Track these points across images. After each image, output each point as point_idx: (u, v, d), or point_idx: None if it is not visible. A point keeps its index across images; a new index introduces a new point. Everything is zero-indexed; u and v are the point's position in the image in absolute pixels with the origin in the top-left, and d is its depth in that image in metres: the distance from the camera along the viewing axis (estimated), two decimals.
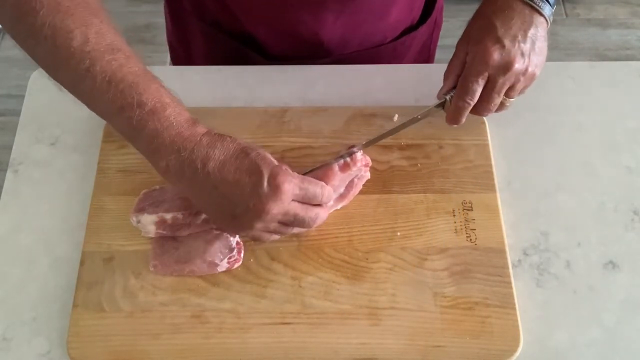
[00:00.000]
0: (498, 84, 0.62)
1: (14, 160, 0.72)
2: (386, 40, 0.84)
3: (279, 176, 0.54)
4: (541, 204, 0.69)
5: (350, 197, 0.66)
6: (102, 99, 0.53)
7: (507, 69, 0.61)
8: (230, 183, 0.54)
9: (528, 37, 0.62)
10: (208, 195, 0.55)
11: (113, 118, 0.55)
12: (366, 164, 0.65)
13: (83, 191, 0.69)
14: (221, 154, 0.54)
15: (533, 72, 0.63)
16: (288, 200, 0.55)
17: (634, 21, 2.03)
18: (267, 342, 0.59)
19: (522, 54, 0.62)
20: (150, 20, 1.98)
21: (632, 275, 0.65)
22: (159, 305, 0.61)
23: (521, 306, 0.62)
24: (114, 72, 0.53)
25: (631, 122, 0.76)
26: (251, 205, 0.54)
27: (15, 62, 1.88)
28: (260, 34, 0.81)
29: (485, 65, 0.62)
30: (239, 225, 0.56)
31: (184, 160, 0.53)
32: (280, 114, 0.74)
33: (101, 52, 0.53)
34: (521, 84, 0.64)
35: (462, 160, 0.70)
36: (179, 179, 0.55)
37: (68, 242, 0.66)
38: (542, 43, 0.64)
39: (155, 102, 0.53)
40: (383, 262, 0.64)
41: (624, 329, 0.62)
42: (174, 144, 0.53)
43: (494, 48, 0.61)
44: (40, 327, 0.61)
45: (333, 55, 0.82)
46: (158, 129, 0.53)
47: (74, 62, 0.53)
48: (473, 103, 0.64)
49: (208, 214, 0.61)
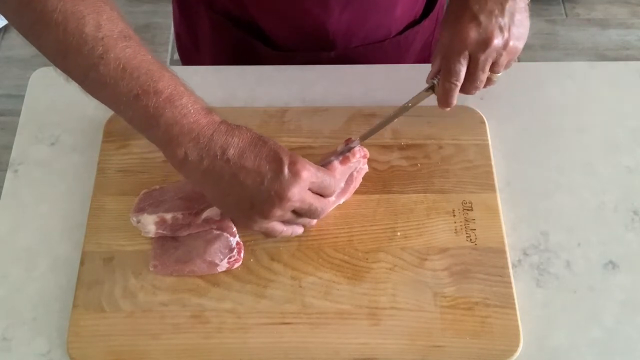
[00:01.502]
0: (480, 61, 0.62)
1: (14, 160, 0.72)
2: (391, 34, 0.84)
3: (298, 163, 0.54)
4: (541, 204, 0.69)
5: (351, 190, 0.66)
6: (115, 86, 0.52)
7: (486, 45, 0.61)
8: (251, 170, 0.54)
9: (506, 10, 0.61)
10: (226, 183, 0.54)
11: (127, 107, 0.53)
12: (364, 156, 0.65)
13: (83, 191, 0.69)
14: (240, 141, 0.54)
15: (514, 45, 0.62)
16: (307, 186, 0.56)
17: (634, 21, 2.03)
18: (267, 342, 0.59)
19: (501, 28, 0.61)
20: (150, 20, 1.97)
21: (632, 275, 0.65)
22: (159, 305, 0.61)
23: (521, 306, 0.62)
24: (129, 60, 0.52)
25: (631, 122, 0.76)
26: (272, 191, 0.54)
27: (15, 62, 1.88)
28: (267, 24, 0.81)
29: (463, 44, 0.61)
30: (257, 214, 0.56)
31: (203, 147, 0.53)
32: (280, 114, 0.74)
33: (114, 38, 0.52)
34: (504, 58, 0.63)
35: (462, 160, 0.70)
36: (197, 168, 0.54)
37: (68, 242, 0.66)
38: (522, 14, 0.63)
39: (171, 89, 0.53)
40: (383, 262, 0.64)
41: (624, 329, 0.62)
42: (192, 131, 0.53)
43: (470, 26, 0.61)
44: (40, 327, 0.61)
45: (338, 48, 0.82)
46: (176, 117, 0.53)
47: (86, 48, 0.51)
48: (459, 83, 0.63)
49: (224, 205, 0.59)
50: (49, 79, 0.78)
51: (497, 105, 0.76)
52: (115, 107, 0.55)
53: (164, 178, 0.69)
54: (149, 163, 0.70)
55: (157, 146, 0.55)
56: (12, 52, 1.91)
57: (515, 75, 0.79)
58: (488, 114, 0.74)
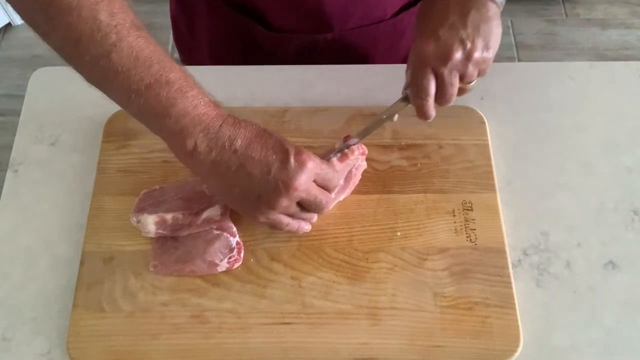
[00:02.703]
0: (444, 75, 0.61)
1: (14, 160, 0.72)
2: (386, 16, 0.85)
3: (304, 154, 0.55)
4: (541, 204, 0.69)
5: (350, 187, 0.66)
6: (128, 75, 0.52)
7: (446, 59, 0.60)
8: (258, 160, 0.54)
9: (468, 22, 0.60)
10: (234, 174, 0.55)
11: (137, 96, 0.53)
12: (362, 153, 0.65)
13: (83, 191, 0.69)
14: (247, 132, 0.55)
15: (481, 56, 0.61)
16: (312, 177, 0.56)
17: (634, 21, 2.03)
18: (267, 342, 0.59)
19: (462, 41, 0.60)
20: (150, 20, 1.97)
21: (632, 275, 0.65)
22: (159, 305, 0.61)
23: (521, 306, 0.62)
24: (142, 49, 0.52)
25: (631, 122, 0.76)
26: (279, 181, 0.54)
27: (15, 62, 1.88)
28: (263, 4, 0.81)
29: (424, 60, 0.60)
30: (264, 204, 0.56)
31: (212, 138, 0.54)
32: (280, 114, 0.74)
33: (127, 27, 0.52)
34: (472, 70, 0.61)
35: (462, 160, 0.70)
36: (205, 159, 0.54)
37: (68, 242, 0.66)
38: (490, 23, 0.61)
39: (181, 81, 0.53)
40: (383, 262, 0.64)
41: (624, 329, 0.62)
42: (202, 122, 0.54)
43: (429, 41, 0.60)
44: (40, 327, 0.61)
45: (335, 29, 0.83)
46: (187, 108, 0.53)
47: (100, 35, 0.51)
48: (429, 98, 0.62)
49: (230, 196, 0.59)
50: (49, 79, 0.79)
51: (497, 105, 0.76)
52: (124, 97, 0.54)
53: (164, 178, 0.69)
54: (149, 163, 0.70)
55: (163, 138, 0.56)
56: (12, 52, 1.91)
57: (515, 75, 0.80)
58: (488, 114, 0.74)
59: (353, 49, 0.87)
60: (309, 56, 0.85)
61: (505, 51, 1.92)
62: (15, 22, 1.96)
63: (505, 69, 0.80)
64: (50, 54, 0.56)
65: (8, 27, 1.97)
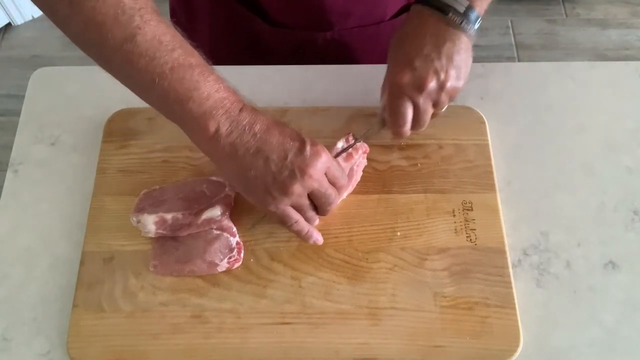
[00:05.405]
0: (420, 104, 0.63)
1: (14, 160, 0.72)
2: (386, 16, 0.85)
3: (318, 145, 0.57)
4: (541, 204, 0.69)
5: (353, 184, 0.67)
6: (152, 58, 0.52)
7: (421, 89, 0.62)
8: (276, 145, 0.56)
9: (442, 53, 0.61)
10: (251, 157, 0.55)
11: (161, 79, 0.53)
12: (365, 151, 0.67)
13: (83, 191, 0.69)
14: (265, 119, 0.57)
15: (453, 85, 0.63)
16: (325, 169, 0.58)
17: (634, 21, 2.03)
18: (267, 342, 0.59)
19: (436, 71, 0.61)
20: None
21: (632, 275, 0.65)
22: (159, 305, 0.61)
23: (521, 306, 0.62)
24: (164, 32, 0.53)
25: (631, 122, 0.76)
26: (295, 166, 0.56)
27: (15, 62, 1.88)
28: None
29: (401, 89, 0.62)
30: (277, 190, 0.57)
31: (233, 121, 0.55)
32: (281, 114, 0.74)
33: (149, 11, 0.53)
34: (444, 98, 0.64)
35: (462, 160, 0.70)
36: (225, 141, 0.55)
37: (68, 242, 0.66)
38: (463, 55, 0.63)
39: (202, 66, 0.54)
40: (383, 262, 0.64)
41: (624, 329, 0.62)
42: (224, 105, 0.55)
43: (405, 71, 0.62)
44: (40, 327, 0.61)
45: (334, 28, 0.83)
46: (209, 91, 0.54)
47: (124, 18, 0.51)
48: (406, 124, 0.64)
49: (244, 180, 0.58)
50: (49, 79, 0.79)
51: (497, 105, 0.76)
52: (147, 81, 0.54)
53: (164, 178, 0.69)
54: (149, 163, 0.70)
55: (184, 124, 0.56)
56: (12, 52, 1.91)
57: (515, 75, 0.80)
58: (488, 114, 0.74)
59: (352, 49, 0.87)
60: (308, 54, 0.86)
61: (505, 51, 1.92)
62: (15, 22, 1.96)
63: (505, 69, 0.80)
64: (51, 54, 0.56)
65: (8, 27, 1.97)
